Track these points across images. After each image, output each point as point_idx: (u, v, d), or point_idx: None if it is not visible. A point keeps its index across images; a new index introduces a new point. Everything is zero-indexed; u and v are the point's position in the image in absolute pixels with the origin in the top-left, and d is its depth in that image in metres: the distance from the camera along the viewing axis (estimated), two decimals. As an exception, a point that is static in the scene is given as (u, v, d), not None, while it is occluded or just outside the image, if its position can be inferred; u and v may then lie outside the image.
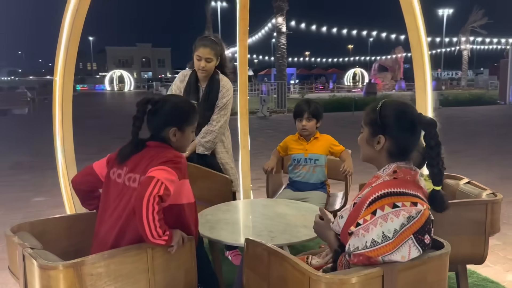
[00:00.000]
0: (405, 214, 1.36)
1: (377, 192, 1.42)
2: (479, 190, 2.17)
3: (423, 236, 1.38)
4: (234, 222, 2.27)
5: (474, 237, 2.02)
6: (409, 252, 1.36)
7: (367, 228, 1.37)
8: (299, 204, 2.59)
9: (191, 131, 1.86)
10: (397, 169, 1.49)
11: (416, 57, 3.28)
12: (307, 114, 3.01)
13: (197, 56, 2.89)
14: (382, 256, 1.35)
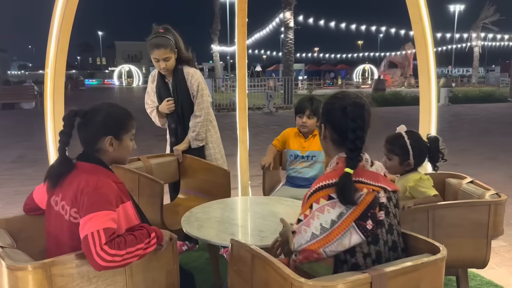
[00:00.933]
0: (341, 205, 1.36)
1: (314, 187, 1.43)
2: (482, 190, 2.06)
3: (364, 222, 1.36)
4: (224, 221, 2.18)
5: (476, 240, 1.91)
6: (349, 240, 1.35)
7: (308, 223, 1.39)
8: (294, 203, 2.49)
9: (129, 139, 1.69)
10: (338, 160, 1.48)
11: (420, 51, 3.15)
12: (309, 112, 2.92)
13: (154, 59, 2.81)
14: (323, 248, 1.35)
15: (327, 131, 1.54)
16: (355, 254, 1.38)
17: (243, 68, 3.71)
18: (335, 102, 1.52)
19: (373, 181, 1.43)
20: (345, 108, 1.46)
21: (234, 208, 2.39)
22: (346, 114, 1.45)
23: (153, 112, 3.06)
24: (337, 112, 1.49)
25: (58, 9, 2.80)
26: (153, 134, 10.37)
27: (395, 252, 1.45)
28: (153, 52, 2.78)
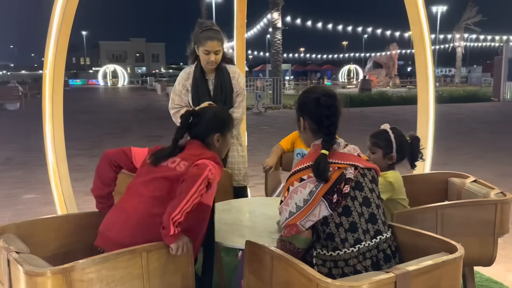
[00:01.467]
0: (311, 185, 1.54)
1: (291, 172, 1.62)
2: (487, 189, 2.09)
3: (331, 196, 1.52)
4: (233, 223, 2.18)
5: (483, 238, 1.95)
6: (319, 212, 1.52)
7: (287, 203, 1.57)
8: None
9: (230, 136, 2.01)
10: (313, 146, 1.66)
11: (418, 52, 3.20)
12: None
13: (205, 50, 2.70)
14: (299, 222, 1.53)
15: (305, 122, 1.69)
16: (329, 224, 1.54)
17: (242, 68, 3.72)
18: (309, 95, 1.70)
19: (341, 160, 1.59)
20: (319, 99, 1.64)
21: (241, 209, 2.39)
22: (320, 104, 1.63)
23: None
24: (312, 103, 1.66)
25: (57, 10, 2.76)
26: (143, 135, 10.35)
27: (374, 224, 1.56)
28: (205, 44, 2.69)
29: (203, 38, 2.68)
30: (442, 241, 1.48)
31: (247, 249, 1.64)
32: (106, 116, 14.44)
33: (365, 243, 1.51)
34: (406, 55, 48.10)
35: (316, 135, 1.66)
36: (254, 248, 1.60)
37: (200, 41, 2.70)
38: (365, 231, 1.53)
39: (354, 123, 11.22)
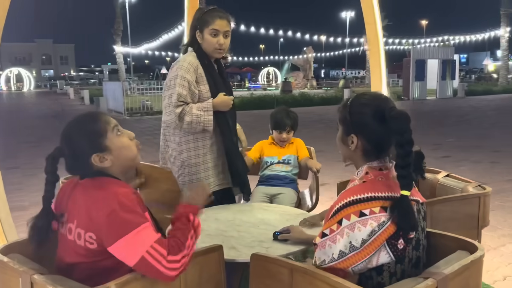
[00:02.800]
0: (373, 223, 1.26)
1: (343, 200, 1.31)
2: (464, 183, 2.16)
3: (396, 241, 1.28)
4: (216, 234, 2.00)
5: (468, 232, 1.99)
6: (378, 259, 1.28)
7: (334, 239, 1.29)
8: (277, 208, 2.39)
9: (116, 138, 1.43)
10: (368, 170, 1.37)
11: (373, 50, 3.25)
12: (289, 127, 2.91)
13: (213, 30, 2.33)
14: (352, 267, 1.27)
15: (360, 142, 1.38)
16: (382, 273, 1.31)
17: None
18: (371, 113, 1.35)
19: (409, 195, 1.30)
20: (383, 118, 1.31)
21: (218, 218, 2.21)
22: (388, 126, 1.30)
23: (205, 111, 2.34)
24: (379, 125, 1.33)
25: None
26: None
27: (417, 268, 1.36)
28: (213, 22, 2.33)
29: (211, 17, 2.34)
30: (457, 239, 1.46)
31: (254, 263, 1.48)
32: (17, 124, 13.13)
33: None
34: (319, 58, 50.37)
35: (366, 157, 1.39)
36: (264, 261, 1.45)
37: (207, 21, 2.34)
38: (408, 277, 1.32)
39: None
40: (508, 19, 26.37)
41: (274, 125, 2.94)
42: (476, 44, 42.64)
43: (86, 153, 1.38)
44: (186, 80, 2.32)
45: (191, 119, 2.30)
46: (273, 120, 2.95)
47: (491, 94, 23.42)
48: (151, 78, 38.25)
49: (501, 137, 8.99)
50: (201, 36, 2.36)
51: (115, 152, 1.41)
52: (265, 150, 3.01)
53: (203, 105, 2.34)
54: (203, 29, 2.34)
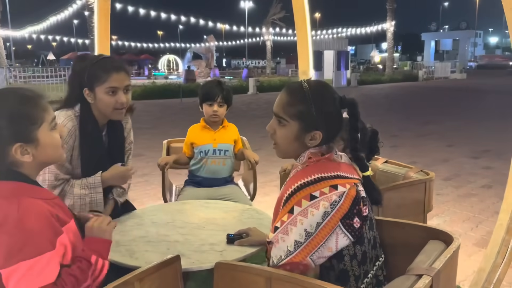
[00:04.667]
0: (325, 203, 1.20)
1: (291, 187, 1.25)
2: (405, 169, 2.17)
3: (351, 220, 1.22)
4: (158, 239, 1.74)
5: (416, 218, 2.01)
6: (336, 242, 1.21)
7: (286, 230, 1.21)
8: (219, 204, 2.19)
9: (48, 131, 1.21)
10: (311, 155, 1.31)
11: (301, 36, 3.18)
12: (220, 98, 2.56)
13: (110, 88, 1.79)
14: (310, 256, 1.19)
15: (320, 135, 1.29)
16: (343, 258, 1.24)
17: (106, 39, 3.14)
18: (334, 105, 1.31)
19: (349, 174, 1.30)
20: (341, 107, 1.31)
21: (155, 221, 1.94)
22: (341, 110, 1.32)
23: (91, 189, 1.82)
24: (338, 117, 1.32)
25: None
26: None
27: (374, 249, 1.34)
28: (109, 78, 1.78)
29: (104, 72, 1.78)
30: (426, 229, 1.42)
31: (221, 273, 1.28)
32: None
33: (370, 274, 1.30)
34: (220, 47, 50.37)
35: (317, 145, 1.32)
36: (232, 270, 1.26)
37: (99, 77, 1.78)
38: (371, 260, 1.31)
39: (193, 114, 11.06)
40: (393, 13, 28.87)
41: (203, 97, 2.59)
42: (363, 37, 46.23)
43: (7, 139, 1.13)
44: (67, 145, 1.80)
45: (72, 201, 1.77)
46: (202, 91, 2.61)
47: (380, 83, 25.49)
48: (35, 65, 34.71)
49: (396, 123, 9.76)
50: (93, 95, 1.81)
51: (42, 149, 1.19)
52: (195, 136, 2.64)
53: (88, 181, 1.81)
54: (94, 87, 1.80)
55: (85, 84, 1.80)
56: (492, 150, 6.66)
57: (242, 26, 43.55)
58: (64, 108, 1.84)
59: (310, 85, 1.31)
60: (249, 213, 2.03)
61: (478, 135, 8.12)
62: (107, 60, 1.84)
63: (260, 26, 40.37)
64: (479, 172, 5.39)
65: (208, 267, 1.52)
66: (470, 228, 3.60)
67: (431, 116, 10.74)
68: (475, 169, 5.57)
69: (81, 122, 1.83)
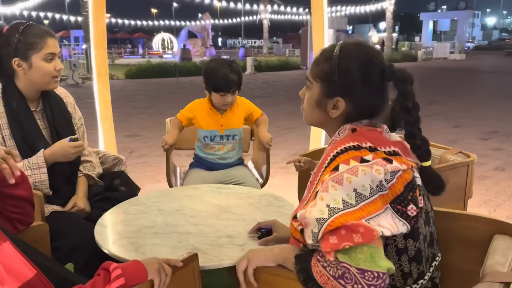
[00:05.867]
0: (379, 168, 0.97)
1: (335, 149, 1.04)
2: (442, 150, 1.94)
3: (405, 206, 0.99)
4: (166, 231, 1.51)
5: (456, 205, 1.80)
6: (396, 224, 0.97)
7: (326, 187, 0.96)
8: (232, 189, 1.96)
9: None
10: (356, 126, 1.10)
11: (316, 15, 2.91)
12: (235, 88, 2.25)
13: (48, 54, 1.68)
14: (365, 218, 0.92)
15: (347, 106, 1.09)
16: (386, 249, 1.01)
17: (102, 20, 2.82)
18: (369, 72, 1.07)
19: (405, 155, 1.07)
20: (382, 77, 1.06)
21: (162, 208, 1.71)
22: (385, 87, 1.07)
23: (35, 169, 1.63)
24: (376, 88, 1.08)
25: None
26: None
27: (431, 247, 1.12)
28: (46, 43, 1.66)
29: (38, 37, 1.65)
30: (493, 222, 1.19)
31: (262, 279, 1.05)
32: None
33: (426, 276, 1.08)
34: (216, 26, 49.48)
35: (348, 121, 1.11)
36: (267, 273, 1.03)
37: (34, 44, 1.64)
38: (427, 259, 1.09)
39: (190, 93, 10.78)
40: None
41: (214, 86, 2.23)
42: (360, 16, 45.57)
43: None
44: None
45: None
46: (212, 79, 2.22)
47: (378, 63, 25.16)
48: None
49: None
50: (27, 64, 1.66)
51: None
52: (201, 116, 2.35)
53: (30, 162, 1.62)
54: (29, 55, 1.65)
55: (15, 53, 1.65)
56: (501, 131, 6.47)
57: (239, 2, 42.72)
58: None
59: (344, 44, 1.11)
60: (267, 199, 1.80)
61: (484, 115, 7.91)
62: (35, 26, 1.70)
63: (257, 3, 39.62)
64: (490, 154, 5.20)
65: (229, 265, 1.30)
66: (488, 212, 3.42)
67: (433, 96, 10.50)
68: (486, 150, 5.38)
69: (5, 98, 1.68)
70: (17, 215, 1.18)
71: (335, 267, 0.90)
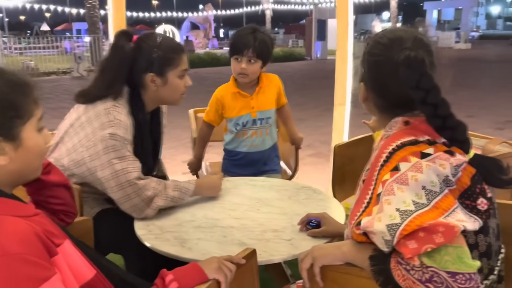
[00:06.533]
0: (444, 163, 0.92)
1: (389, 146, 0.98)
2: (484, 140, 1.89)
3: (474, 201, 0.94)
4: (208, 224, 1.47)
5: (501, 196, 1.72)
6: (468, 220, 0.91)
7: (391, 189, 0.90)
8: (266, 181, 1.90)
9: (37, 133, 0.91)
10: (408, 119, 1.04)
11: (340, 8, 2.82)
12: (251, 52, 1.99)
13: (183, 71, 1.64)
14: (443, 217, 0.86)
15: (368, 93, 1.10)
16: None
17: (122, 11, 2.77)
18: (378, 55, 1.05)
19: None
20: (396, 69, 0.99)
21: (199, 201, 1.64)
22: (400, 78, 0.99)
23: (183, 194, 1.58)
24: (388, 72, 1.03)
25: None
26: None
27: (498, 240, 1.06)
28: (181, 59, 1.62)
29: (176, 53, 1.60)
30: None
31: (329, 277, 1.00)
32: None
33: (495, 270, 1.02)
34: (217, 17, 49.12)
35: (392, 113, 1.06)
36: (334, 271, 0.98)
37: (172, 60, 1.58)
38: (495, 253, 1.03)
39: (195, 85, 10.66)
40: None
41: (230, 49, 2.05)
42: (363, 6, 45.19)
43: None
44: (129, 145, 1.51)
45: (165, 203, 1.51)
46: (230, 41, 2.07)
47: (383, 53, 24.95)
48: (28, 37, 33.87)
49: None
50: (161, 80, 1.59)
51: (22, 152, 0.88)
52: (227, 105, 2.12)
53: (183, 186, 1.58)
54: (167, 71, 1.59)
55: (150, 68, 1.56)
56: (515, 121, 6.40)
57: (241, -6, 42.37)
58: (107, 97, 1.52)
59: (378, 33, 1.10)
60: (305, 192, 1.75)
61: (496, 105, 7.83)
62: (170, 40, 1.63)
63: (260, -6, 39.29)
64: (507, 144, 5.13)
65: (280, 260, 1.26)
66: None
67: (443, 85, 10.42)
68: (502, 140, 5.30)
69: (134, 112, 1.57)
70: (60, 206, 1.13)
71: (421, 271, 0.85)
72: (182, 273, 0.95)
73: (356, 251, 0.96)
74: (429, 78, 0.96)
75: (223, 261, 1.00)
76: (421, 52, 1.00)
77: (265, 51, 2.03)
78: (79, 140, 1.51)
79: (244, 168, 2.16)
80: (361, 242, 0.95)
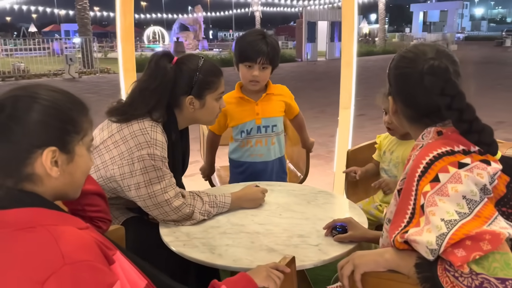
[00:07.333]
0: (482, 172, 0.95)
1: (427, 156, 1.00)
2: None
3: (511, 207, 0.97)
4: (234, 230, 1.49)
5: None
6: None
7: (433, 201, 0.93)
8: (283, 186, 1.92)
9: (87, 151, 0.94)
10: (441, 129, 1.08)
11: (346, 8, 2.85)
12: (264, 60, 1.93)
13: (222, 94, 1.68)
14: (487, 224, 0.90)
15: (398, 106, 1.15)
16: None
17: (130, 14, 2.75)
18: (402, 67, 1.11)
19: None
20: (422, 79, 1.04)
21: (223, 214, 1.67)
22: (426, 87, 1.04)
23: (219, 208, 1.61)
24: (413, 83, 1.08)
25: None
26: None
27: None
28: (220, 82, 1.66)
29: (216, 76, 1.64)
30: None
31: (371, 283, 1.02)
32: None
33: None
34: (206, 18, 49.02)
35: (425, 124, 1.11)
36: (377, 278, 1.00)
37: (212, 83, 1.62)
38: None
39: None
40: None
41: (240, 54, 1.96)
42: (352, 9, 45.42)
43: (40, 138, 0.83)
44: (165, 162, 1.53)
45: (200, 217, 1.53)
46: (239, 47, 1.98)
47: (372, 55, 25.17)
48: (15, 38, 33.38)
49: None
50: (200, 103, 1.62)
51: (73, 167, 0.89)
52: (232, 112, 2.05)
53: (220, 200, 1.60)
54: (205, 94, 1.62)
55: (190, 91, 1.59)
56: (506, 121, 6.53)
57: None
58: (145, 117, 1.53)
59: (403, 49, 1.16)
60: (323, 197, 1.78)
61: (486, 106, 7.94)
62: (210, 63, 1.64)
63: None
64: (501, 145, 5.23)
65: (310, 266, 1.29)
66: None
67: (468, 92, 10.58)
68: (496, 141, 5.41)
69: (167, 132, 1.57)
70: (97, 213, 1.15)
71: (470, 277, 0.87)
72: (233, 284, 0.97)
73: (399, 259, 0.99)
74: (453, 85, 1.01)
75: (271, 269, 1.03)
76: (445, 60, 1.05)
77: (276, 57, 2.00)
78: (110, 158, 1.52)
79: (248, 180, 2.02)
80: (403, 249, 0.97)
